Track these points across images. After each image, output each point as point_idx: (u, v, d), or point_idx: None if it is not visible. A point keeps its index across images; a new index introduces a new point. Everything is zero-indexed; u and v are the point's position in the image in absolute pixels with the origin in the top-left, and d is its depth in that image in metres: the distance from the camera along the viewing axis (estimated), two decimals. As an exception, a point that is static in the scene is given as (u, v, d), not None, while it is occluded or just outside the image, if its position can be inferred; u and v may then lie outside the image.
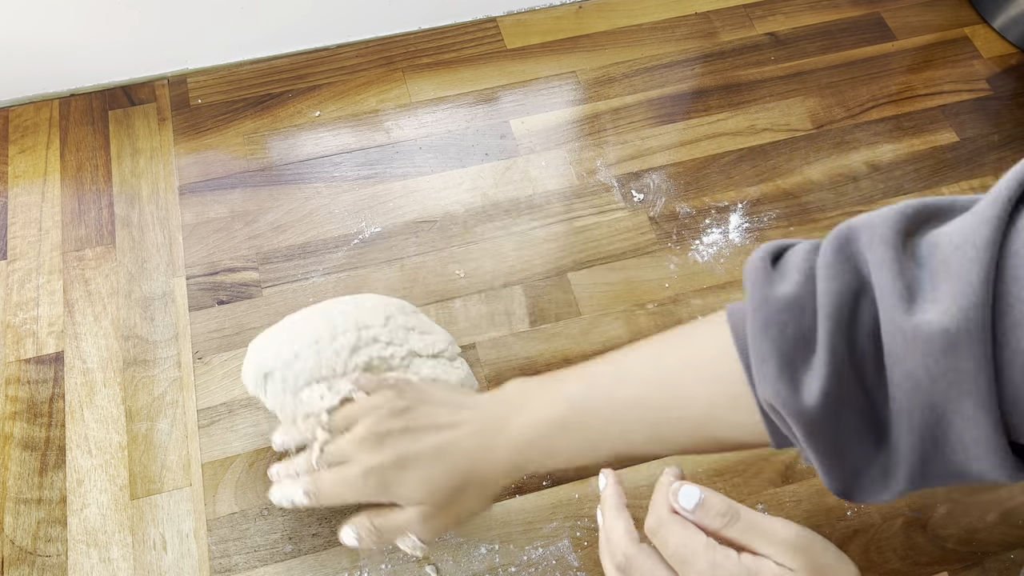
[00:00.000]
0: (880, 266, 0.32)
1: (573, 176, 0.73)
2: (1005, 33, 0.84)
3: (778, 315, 0.35)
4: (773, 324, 0.35)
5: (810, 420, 0.34)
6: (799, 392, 0.34)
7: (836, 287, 0.34)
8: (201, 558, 0.56)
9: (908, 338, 0.31)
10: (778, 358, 0.35)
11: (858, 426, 0.34)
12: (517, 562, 0.56)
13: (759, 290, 0.36)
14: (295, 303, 0.66)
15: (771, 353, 0.35)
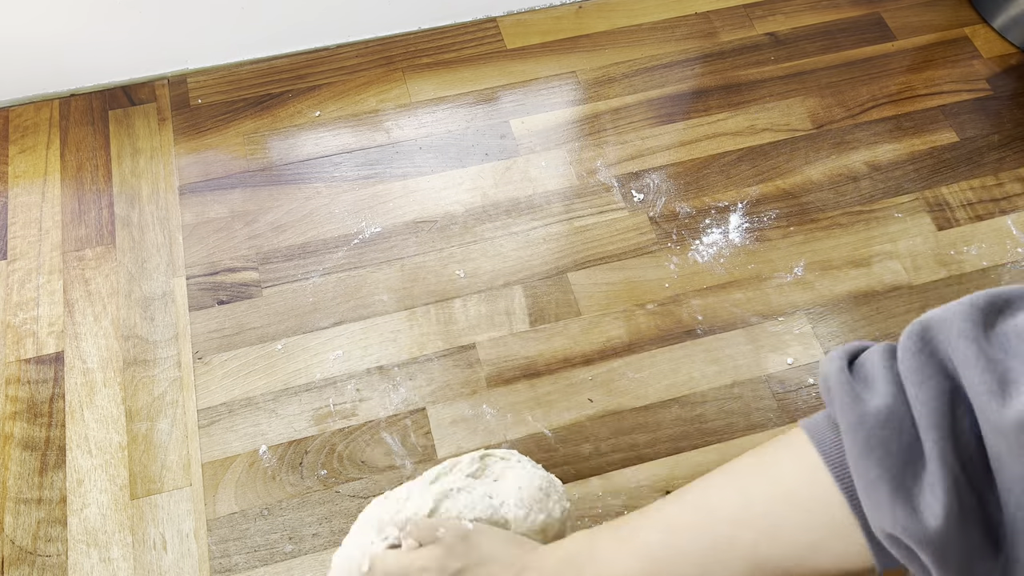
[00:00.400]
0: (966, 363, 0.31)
1: (573, 176, 0.73)
2: (1005, 33, 0.84)
3: (878, 433, 0.33)
4: (876, 444, 0.33)
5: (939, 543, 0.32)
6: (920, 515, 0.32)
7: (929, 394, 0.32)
8: (201, 558, 0.56)
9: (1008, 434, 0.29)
10: (889, 481, 0.33)
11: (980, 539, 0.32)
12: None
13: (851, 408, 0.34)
14: (295, 303, 0.66)
15: (880, 477, 0.33)
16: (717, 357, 0.64)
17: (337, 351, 0.64)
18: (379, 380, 0.63)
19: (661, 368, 0.64)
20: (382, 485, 0.58)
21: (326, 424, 0.61)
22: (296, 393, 0.62)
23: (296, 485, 0.58)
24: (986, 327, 0.31)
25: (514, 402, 0.62)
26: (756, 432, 0.61)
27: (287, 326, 0.65)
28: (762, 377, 0.63)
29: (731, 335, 0.65)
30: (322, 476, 0.59)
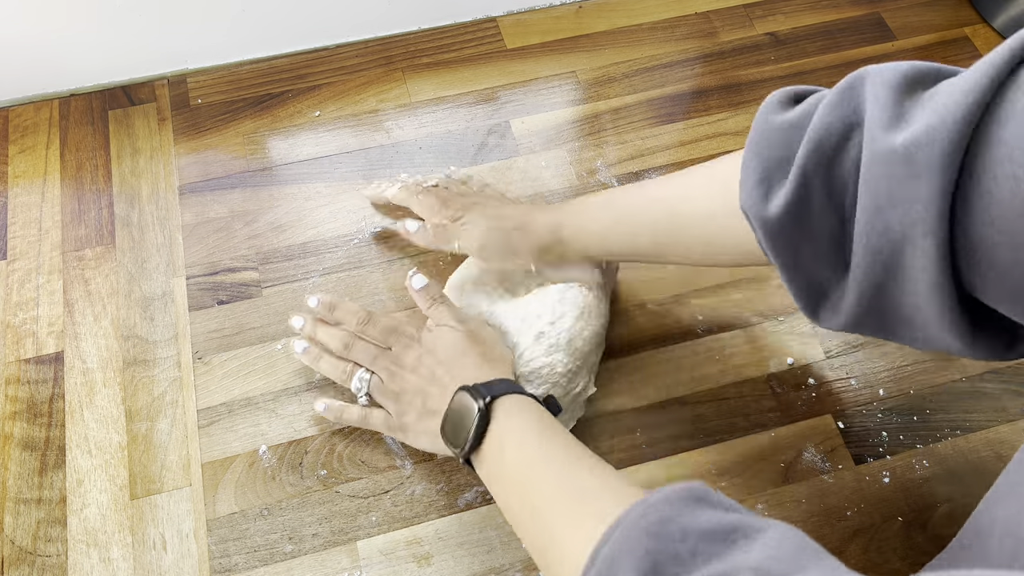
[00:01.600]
0: (876, 101, 0.35)
1: (573, 176, 0.73)
2: (1005, 33, 0.84)
3: (771, 135, 0.40)
4: (764, 142, 0.40)
5: (769, 227, 0.40)
6: (766, 202, 0.40)
7: (828, 119, 0.37)
8: (201, 558, 0.56)
9: (879, 157, 0.34)
10: (760, 171, 0.40)
11: (826, 248, 0.39)
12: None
13: (764, 116, 0.41)
14: (295, 303, 0.66)
15: (755, 167, 0.40)
16: (717, 357, 0.64)
17: (337, 351, 0.64)
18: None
19: (661, 368, 0.64)
20: (382, 485, 0.58)
21: (326, 424, 0.61)
22: (296, 393, 0.62)
23: (296, 485, 0.58)
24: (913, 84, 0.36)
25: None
26: (756, 432, 0.61)
27: (287, 326, 0.65)
28: (762, 377, 0.63)
29: (731, 335, 0.65)
30: (322, 476, 0.59)
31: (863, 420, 0.62)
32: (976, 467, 0.60)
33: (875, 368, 0.64)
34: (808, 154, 0.37)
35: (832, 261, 0.39)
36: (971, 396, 0.63)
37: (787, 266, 0.41)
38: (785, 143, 0.39)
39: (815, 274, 0.40)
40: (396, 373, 0.56)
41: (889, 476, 0.59)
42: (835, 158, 0.37)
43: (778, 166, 0.40)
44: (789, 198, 0.38)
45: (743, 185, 0.41)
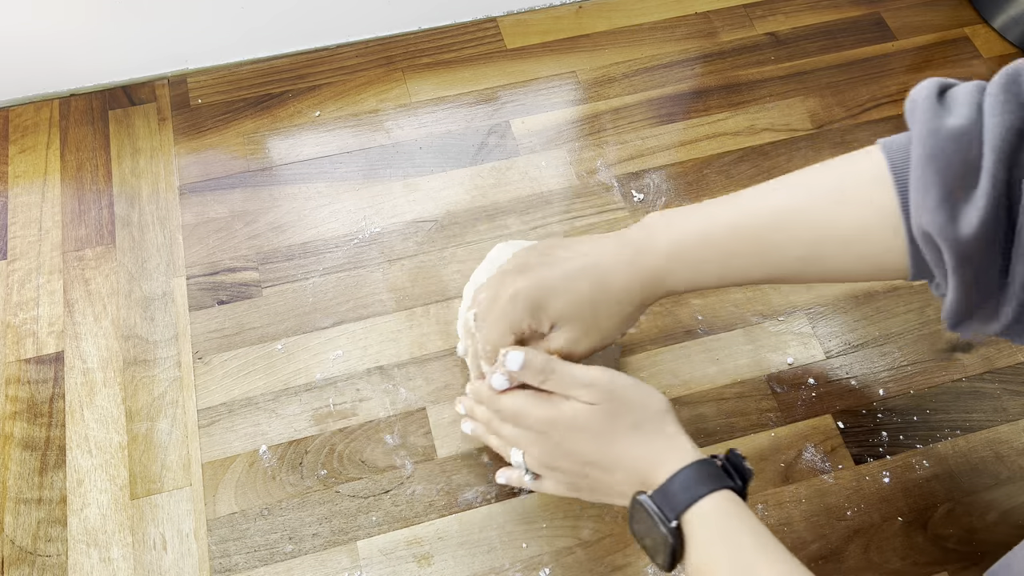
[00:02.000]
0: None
1: (573, 176, 0.73)
2: (1005, 33, 0.84)
3: (945, 145, 0.36)
4: (940, 155, 0.36)
5: (964, 248, 0.36)
6: (957, 221, 0.36)
7: (1003, 121, 0.35)
8: (201, 558, 0.56)
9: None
10: (941, 187, 0.36)
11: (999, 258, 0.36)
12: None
13: (928, 122, 0.37)
14: (295, 303, 0.66)
15: (935, 183, 0.36)
16: (717, 357, 0.64)
17: (337, 351, 0.64)
18: (379, 380, 0.63)
19: (661, 368, 0.64)
20: (382, 485, 0.58)
21: (326, 424, 0.61)
22: (296, 393, 0.62)
23: (296, 485, 0.58)
24: None
25: (514, 402, 0.62)
26: (756, 432, 0.61)
27: (287, 326, 0.65)
28: (762, 377, 0.63)
29: (731, 335, 0.65)
30: (322, 476, 0.59)
31: (863, 420, 0.62)
32: (976, 467, 0.60)
33: (875, 368, 0.64)
34: (998, 163, 0.35)
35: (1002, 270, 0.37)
36: (971, 396, 0.63)
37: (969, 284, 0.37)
38: (961, 152, 0.36)
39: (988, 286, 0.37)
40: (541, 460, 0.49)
41: (889, 476, 0.59)
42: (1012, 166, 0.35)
43: (960, 179, 0.36)
44: (984, 215, 0.35)
45: (922, 204, 0.37)
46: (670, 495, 0.42)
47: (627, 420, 0.45)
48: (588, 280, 0.47)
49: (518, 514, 0.57)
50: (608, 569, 0.56)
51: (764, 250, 0.44)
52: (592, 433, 0.46)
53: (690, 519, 0.41)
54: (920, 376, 0.64)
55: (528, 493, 0.58)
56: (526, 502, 0.58)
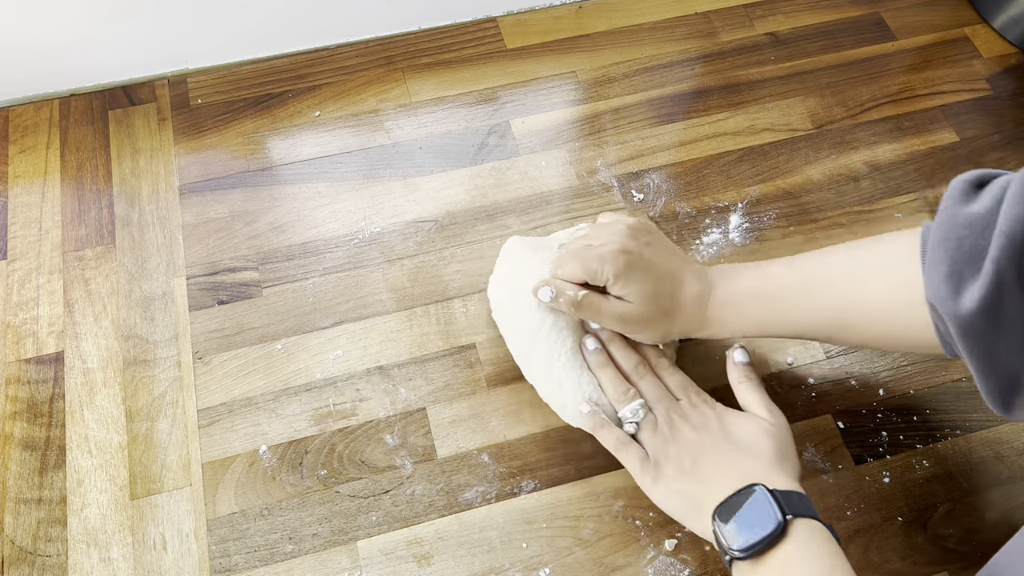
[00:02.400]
0: None
1: (573, 176, 0.73)
2: (1005, 33, 0.84)
3: (959, 230, 0.39)
4: (952, 237, 0.39)
5: (962, 323, 0.38)
6: (959, 297, 0.38)
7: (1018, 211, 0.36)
8: (201, 558, 0.56)
9: None
10: (948, 265, 0.39)
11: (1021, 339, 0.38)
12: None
13: (950, 207, 0.40)
14: (295, 303, 0.66)
15: (943, 260, 0.39)
16: (717, 357, 0.64)
17: (337, 351, 0.64)
18: (379, 380, 0.63)
19: (661, 368, 0.64)
20: (382, 485, 0.58)
21: (326, 424, 0.61)
22: (296, 393, 0.62)
23: (296, 485, 0.58)
24: None
25: (514, 402, 0.62)
26: (756, 432, 0.61)
27: (287, 326, 0.65)
28: (762, 377, 0.63)
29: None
30: (322, 476, 0.59)
31: (863, 420, 0.62)
32: (976, 467, 0.60)
33: (875, 368, 0.64)
34: (1002, 248, 0.36)
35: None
36: (971, 396, 0.63)
37: (981, 361, 0.40)
38: (974, 236, 0.38)
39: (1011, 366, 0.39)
40: (676, 423, 0.53)
41: (889, 476, 0.59)
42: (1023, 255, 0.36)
43: (968, 260, 0.38)
44: (985, 293, 0.37)
45: (929, 279, 0.40)
46: (790, 497, 0.46)
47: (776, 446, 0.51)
48: (667, 286, 0.54)
49: (518, 514, 0.57)
50: (608, 569, 0.56)
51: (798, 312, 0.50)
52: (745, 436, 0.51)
53: (798, 525, 0.45)
54: (920, 376, 0.64)
55: (528, 493, 0.58)
56: (526, 502, 0.58)
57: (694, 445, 0.52)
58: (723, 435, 0.52)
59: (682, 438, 0.52)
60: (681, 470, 0.51)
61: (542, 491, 0.58)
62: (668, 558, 0.56)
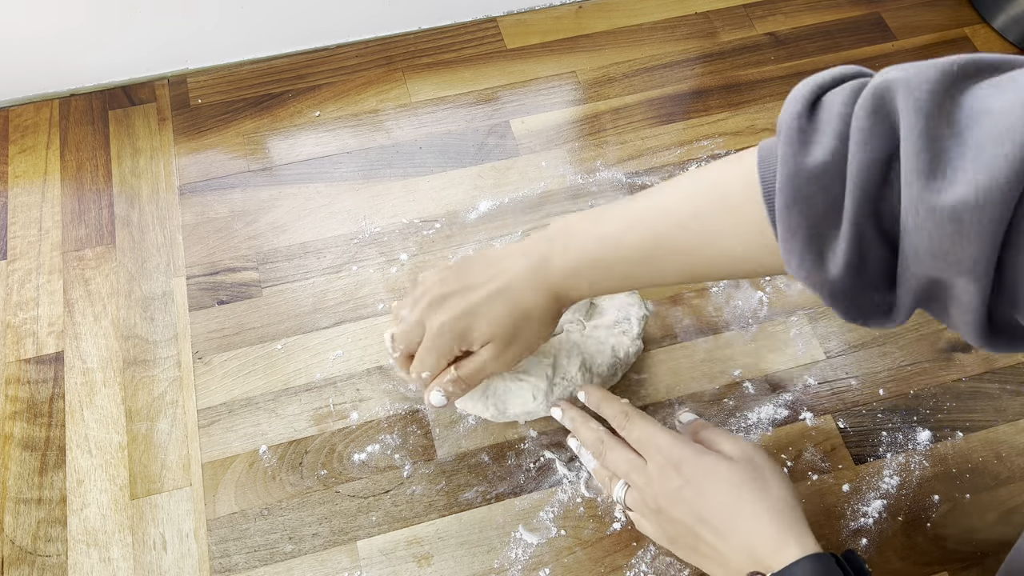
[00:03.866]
0: (909, 135, 0.31)
1: (573, 176, 0.73)
2: (1005, 33, 0.84)
3: (808, 187, 0.35)
4: (803, 198, 0.36)
5: (833, 290, 0.37)
6: (824, 264, 0.36)
7: (867, 158, 0.33)
8: (201, 558, 0.56)
9: (920, 214, 0.31)
10: (806, 231, 0.36)
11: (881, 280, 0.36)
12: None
13: (791, 159, 0.36)
14: (295, 303, 0.66)
15: (800, 226, 0.36)
16: (717, 357, 0.64)
17: (337, 351, 0.64)
18: (379, 380, 0.63)
19: (661, 368, 0.64)
20: (382, 485, 0.58)
21: (326, 424, 0.61)
22: (296, 393, 0.62)
23: (296, 485, 0.58)
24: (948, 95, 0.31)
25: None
26: (757, 432, 0.61)
27: (287, 326, 0.65)
28: (762, 377, 0.63)
29: (731, 335, 0.65)
30: (322, 476, 0.59)
31: (863, 420, 0.62)
32: (976, 467, 0.60)
33: (875, 368, 0.64)
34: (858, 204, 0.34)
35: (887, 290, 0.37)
36: (971, 396, 0.63)
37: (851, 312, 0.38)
38: (825, 189, 0.35)
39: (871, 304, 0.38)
40: (652, 499, 0.48)
41: (889, 476, 0.59)
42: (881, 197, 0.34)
43: (824, 219, 0.36)
44: (848, 255, 0.35)
45: (789, 250, 0.37)
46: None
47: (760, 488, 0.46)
48: (503, 303, 0.49)
49: (518, 514, 0.57)
50: (608, 569, 0.56)
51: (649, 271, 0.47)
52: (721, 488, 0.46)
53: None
54: (920, 376, 0.64)
55: (528, 493, 0.58)
56: (526, 502, 0.58)
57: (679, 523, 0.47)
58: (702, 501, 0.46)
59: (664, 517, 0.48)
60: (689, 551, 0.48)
61: (542, 491, 0.58)
62: (668, 558, 0.56)
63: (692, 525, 0.46)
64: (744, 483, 0.46)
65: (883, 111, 0.33)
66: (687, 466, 0.47)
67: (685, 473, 0.47)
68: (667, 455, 0.48)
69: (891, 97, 0.33)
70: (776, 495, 0.46)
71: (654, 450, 0.48)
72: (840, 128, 0.35)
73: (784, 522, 0.45)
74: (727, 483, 0.46)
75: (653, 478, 0.48)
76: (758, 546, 0.44)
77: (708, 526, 0.46)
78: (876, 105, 0.33)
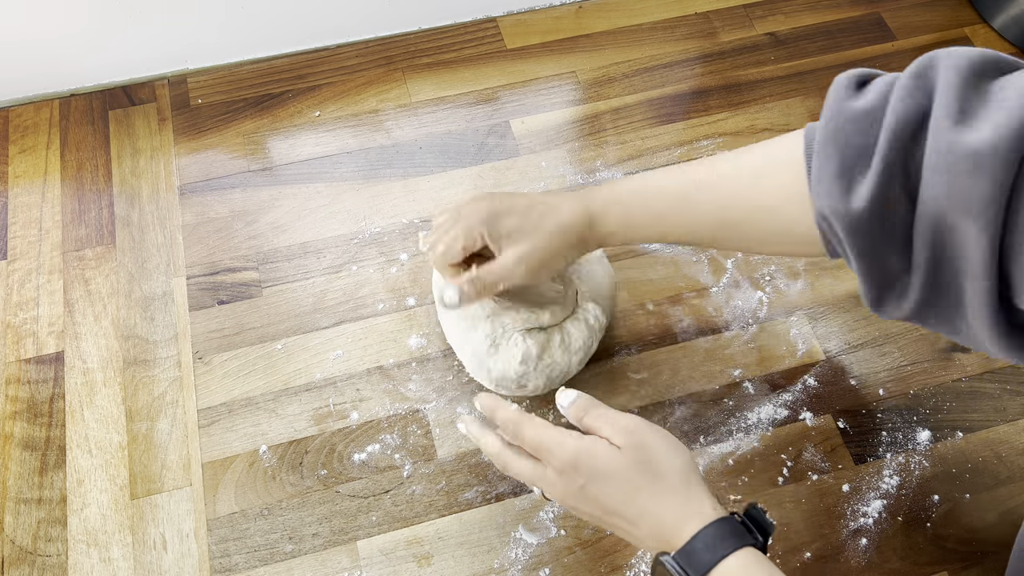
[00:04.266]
0: (946, 89, 0.35)
1: (573, 176, 0.73)
2: (1005, 33, 0.84)
3: (847, 125, 0.38)
4: (841, 132, 0.38)
5: (852, 222, 0.38)
6: (850, 195, 0.38)
7: (905, 106, 0.36)
8: (201, 558, 0.56)
9: (942, 152, 0.34)
10: (839, 163, 0.38)
11: (900, 238, 0.38)
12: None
13: (836, 103, 0.39)
14: (295, 303, 0.66)
15: (833, 157, 0.39)
16: (717, 357, 0.64)
17: (337, 351, 0.64)
18: (379, 380, 0.63)
19: (661, 368, 0.64)
20: (382, 485, 0.58)
21: (326, 424, 0.61)
22: (296, 393, 0.62)
23: (296, 485, 0.58)
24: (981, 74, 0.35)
25: (514, 402, 0.62)
26: (756, 432, 0.61)
27: (287, 326, 0.65)
28: (762, 377, 0.63)
29: (731, 335, 0.65)
30: (322, 476, 0.59)
31: (863, 420, 0.62)
32: (976, 467, 0.60)
33: (875, 368, 0.64)
34: (890, 143, 0.36)
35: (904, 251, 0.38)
36: (971, 396, 0.63)
37: (865, 258, 0.39)
38: (862, 132, 0.38)
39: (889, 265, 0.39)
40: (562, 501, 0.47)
41: (889, 476, 0.59)
42: (913, 147, 0.36)
43: (857, 157, 0.38)
44: (874, 192, 0.37)
45: (819, 177, 0.39)
46: (693, 556, 0.42)
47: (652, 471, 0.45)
48: (540, 208, 0.53)
49: (518, 514, 0.57)
50: (608, 569, 0.56)
51: (684, 210, 0.49)
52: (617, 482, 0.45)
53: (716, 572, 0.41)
54: (920, 376, 0.64)
55: (528, 492, 0.58)
56: (526, 502, 0.58)
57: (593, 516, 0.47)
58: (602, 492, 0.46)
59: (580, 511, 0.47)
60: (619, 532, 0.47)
61: (542, 491, 0.58)
62: (668, 558, 0.56)
63: (603, 517, 0.46)
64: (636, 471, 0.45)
65: (924, 76, 0.36)
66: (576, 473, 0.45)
67: (582, 471, 0.45)
68: (560, 457, 0.46)
69: (934, 65, 0.36)
70: (668, 472, 0.45)
71: (547, 454, 0.47)
72: (884, 88, 0.38)
73: (681, 497, 0.44)
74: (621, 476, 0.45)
75: (555, 482, 0.46)
76: (665, 527, 0.44)
77: (617, 516, 0.45)
78: (920, 70, 0.37)
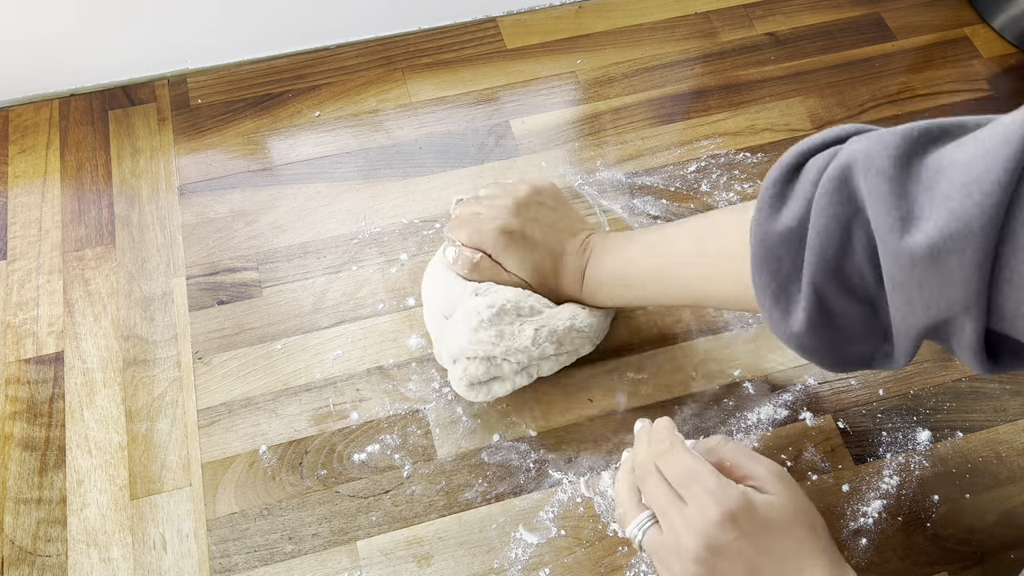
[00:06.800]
0: (875, 201, 0.34)
1: (573, 176, 0.73)
2: (1005, 33, 0.84)
3: (775, 251, 0.40)
4: (772, 260, 0.40)
5: (799, 343, 0.42)
6: (787, 319, 0.41)
7: (825, 223, 0.37)
8: (201, 558, 0.56)
9: (902, 263, 0.33)
10: (775, 291, 0.41)
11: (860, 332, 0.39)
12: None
13: (762, 224, 0.41)
14: (295, 303, 0.66)
15: (768, 285, 0.41)
16: (717, 357, 0.64)
17: (337, 351, 0.64)
18: (379, 380, 0.63)
19: (661, 368, 0.64)
20: (382, 485, 0.58)
21: (326, 424, 0.61)
22: (296, 393, 0.62)
23: (296, 485, 0.58)
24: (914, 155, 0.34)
25: (514, 402, 0.62)
26: (757, 431, 0.61)
27: (287, 326, 0.65)
28: (762, 377, 0.63)
29: (731, 335, 0.65)
30: (322, 476, 0.59)
31: (863, 420, 0.62)
32: (976, 467, 0.60)
33: (875, 368, 0.64)
34: (814, 265, 0.37)
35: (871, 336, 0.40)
36: (971, 396, 0.63)
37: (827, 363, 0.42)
38: (790, 255, 0.40)
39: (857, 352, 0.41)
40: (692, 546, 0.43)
41: (889, 476, 0.59)
42: (842, 258, 0.37)
43: (789, 279, 0.40)
44: (809, 312, 0.39)
45: (762, 305, 0.43)
46: None
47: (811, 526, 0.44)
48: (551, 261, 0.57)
49: (518, 514, 0.57)
50: (608, 569, 0.56)
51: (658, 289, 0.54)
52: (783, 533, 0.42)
53: None
54: (920, 376, 0.64)
55: (528, 493, 0.58)
56: (526, 502, 0.58)
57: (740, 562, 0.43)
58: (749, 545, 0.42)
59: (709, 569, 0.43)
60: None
61: (542, 491, 0.58)
62: (668, 558, 0.56)
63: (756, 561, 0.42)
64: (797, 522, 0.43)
65: (844, 182, 0.36)
66: (743, 516, 0.42)
67: (741, 524, 0.42)
68: (719, 501, 0.42)
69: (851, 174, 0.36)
70: (819, 524, 0.44)
71: (701, 491, 0.43)
72: (810, 193, 0.38)
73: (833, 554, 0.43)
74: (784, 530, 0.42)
75: (694, 523, 0.43)
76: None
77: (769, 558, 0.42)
78: (838, 175, 0.36)
